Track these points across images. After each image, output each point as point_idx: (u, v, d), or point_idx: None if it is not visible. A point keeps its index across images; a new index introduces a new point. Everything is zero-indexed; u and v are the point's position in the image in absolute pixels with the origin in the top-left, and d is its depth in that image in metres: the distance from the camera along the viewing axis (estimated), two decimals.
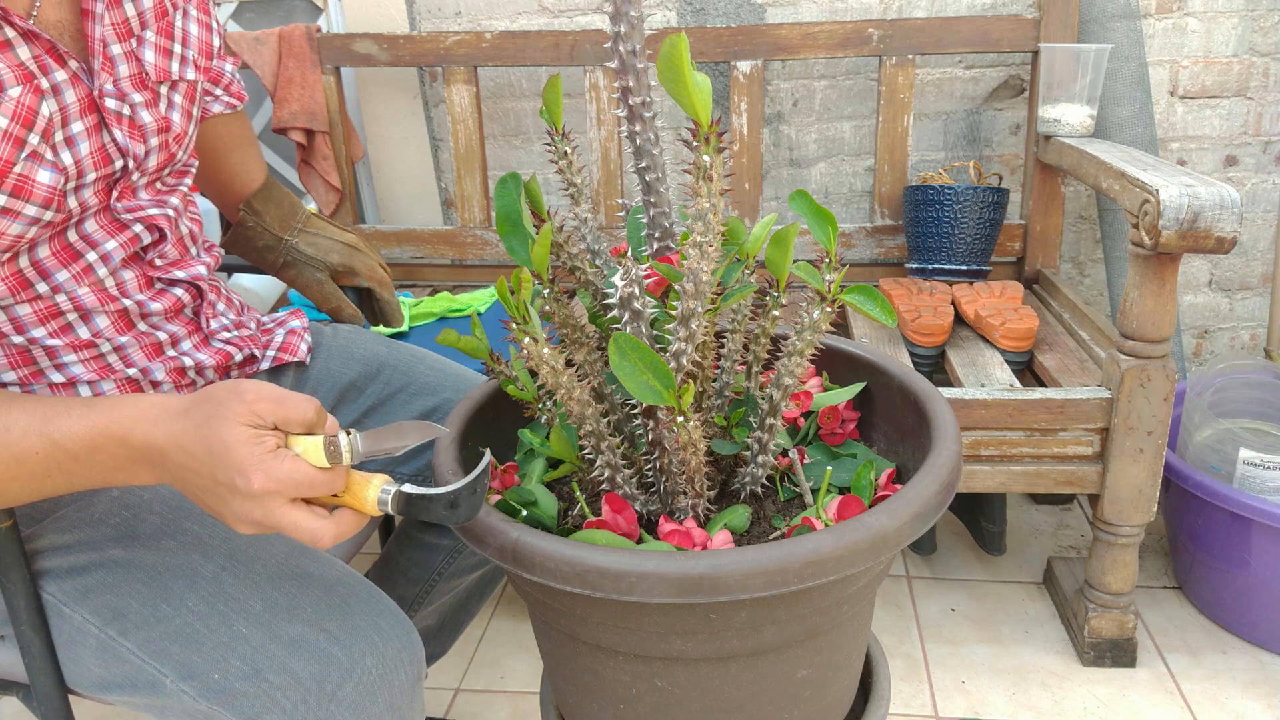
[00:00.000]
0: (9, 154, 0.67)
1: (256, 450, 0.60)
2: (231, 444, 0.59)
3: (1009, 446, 1.30)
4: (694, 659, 0.65)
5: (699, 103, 0.60)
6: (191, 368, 0.87)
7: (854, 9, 1.73)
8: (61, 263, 0.75)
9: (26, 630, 0.76)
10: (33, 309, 0.76)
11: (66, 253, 0.76)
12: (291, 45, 1.71)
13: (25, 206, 0.69)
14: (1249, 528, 1.37)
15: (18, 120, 0.68)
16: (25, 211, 0.69)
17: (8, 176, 0.67)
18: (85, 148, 0.73)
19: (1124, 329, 1.24)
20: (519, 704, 1.41)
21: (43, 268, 0.75)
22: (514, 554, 0.60)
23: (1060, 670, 1.42)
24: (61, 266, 0.76)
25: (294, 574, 0.76)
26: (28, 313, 0.76)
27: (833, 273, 0.68)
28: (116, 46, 0.76)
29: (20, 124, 0.68)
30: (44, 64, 0.70)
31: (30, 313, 0.76)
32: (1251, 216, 1.81)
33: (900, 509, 0.61)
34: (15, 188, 0.68)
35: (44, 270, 0.75)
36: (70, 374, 0.80)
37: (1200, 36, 1.70)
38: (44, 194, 0.70)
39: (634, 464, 0.73)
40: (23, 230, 0.70)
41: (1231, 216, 1.10)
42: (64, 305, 0.77)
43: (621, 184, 1.75)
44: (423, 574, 1.15)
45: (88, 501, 0.79)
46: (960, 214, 1.56)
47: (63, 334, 0.78)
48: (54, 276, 0.75)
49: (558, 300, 0.73)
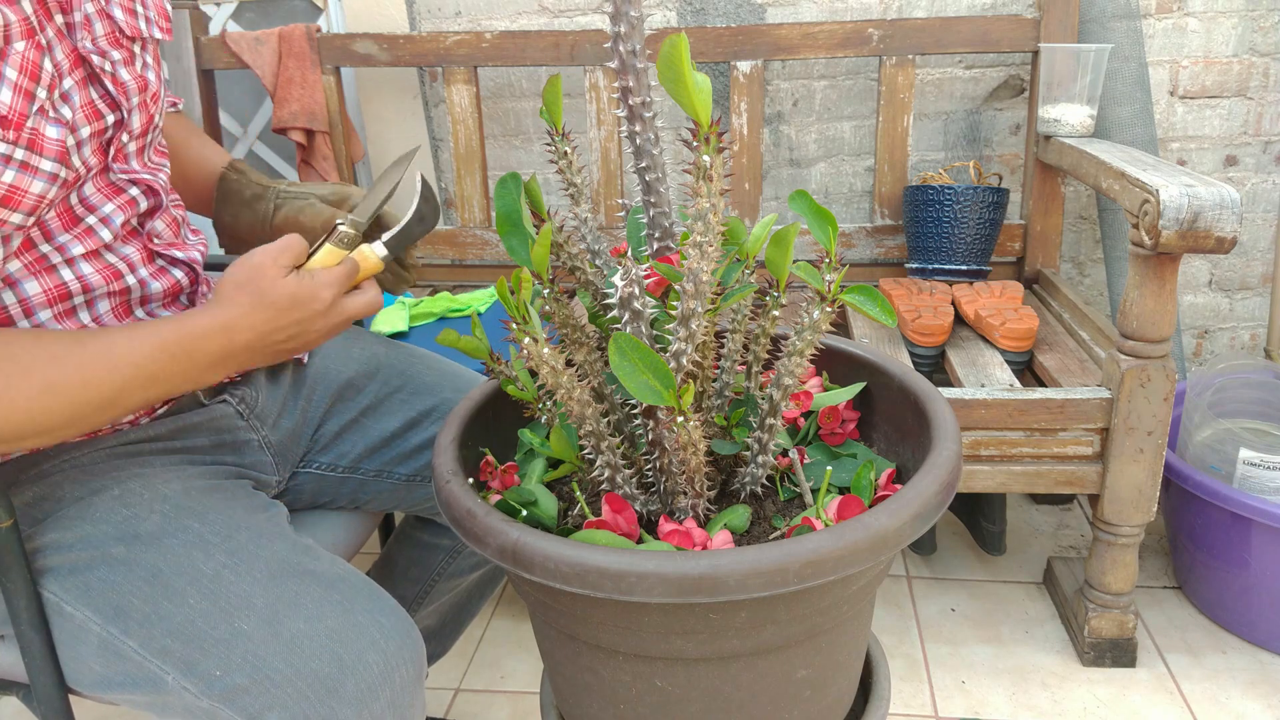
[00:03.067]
0: (22, 107, 0.68)
1: (307, 282, 0.79)
2: (291, 290, 0.78)
3: (1009, 446, 1.30)
4: (694, 659, 0.65)
5: (699, 103, 0.60)
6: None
7: (854, 9, 1.73)
8: (65, 226, 0.77)
9: (26, 629, 0.76)
10: (41, 287, 0.76)
11: (68, 216, 0.77)
12: (291, 45, 1.71)
13: (41, 162, 0.71)
14: (1249, 528, 1.37)
15: (25, 73, 0.69)
16: (42, 167, 0.71)
17: (23, 131, 0.69)
18: (77, 100, 0.75)
19: (1124, 329, 1.24)
20: (519, 704, 1.41)
21: (47, 229, 0.76)
22: (514, 554, 0.60)
23: (1060, 670, 1.42)
24: (64, 229, 0.77)
25: (295, 571, 0.76)
26: (37, 292, 0.76)
27: (833, 273, 0.68)
28: (90, 4, 0.78)
29: (29, 78, 0.69)
30: (40, 19, 0.71)
31: (39, 292, 0.76)
32: (1251, 216, 1.81)
33: (900, 509, 0.61)
34: (30, 142, 0.69)
35: (48, 232, 0.76)
36: None
37: (1200, 36, 1.70)
38: (55, 149, 0.71)
39: (634, 464, 0.73)
40: (43, 189, 0.71)
41: (1231, 216, 1.10)
42: (72, 286, 0.78)
43: (621, 184, 1.75)
44: (422, 573, 1.15)
45: (88, 500, 0.79)
46: (960, 214, 1.56)
47: (67, 318, 0.79)
48: (56, 238, 0.77)
49: (558, 300, 0.73)
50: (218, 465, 0.88)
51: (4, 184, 0.68)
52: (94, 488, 0.80)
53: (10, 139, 0.68)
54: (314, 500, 1.02)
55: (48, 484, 0.80)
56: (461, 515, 0.65)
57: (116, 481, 0.80)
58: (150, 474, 0.82)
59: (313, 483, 1.01)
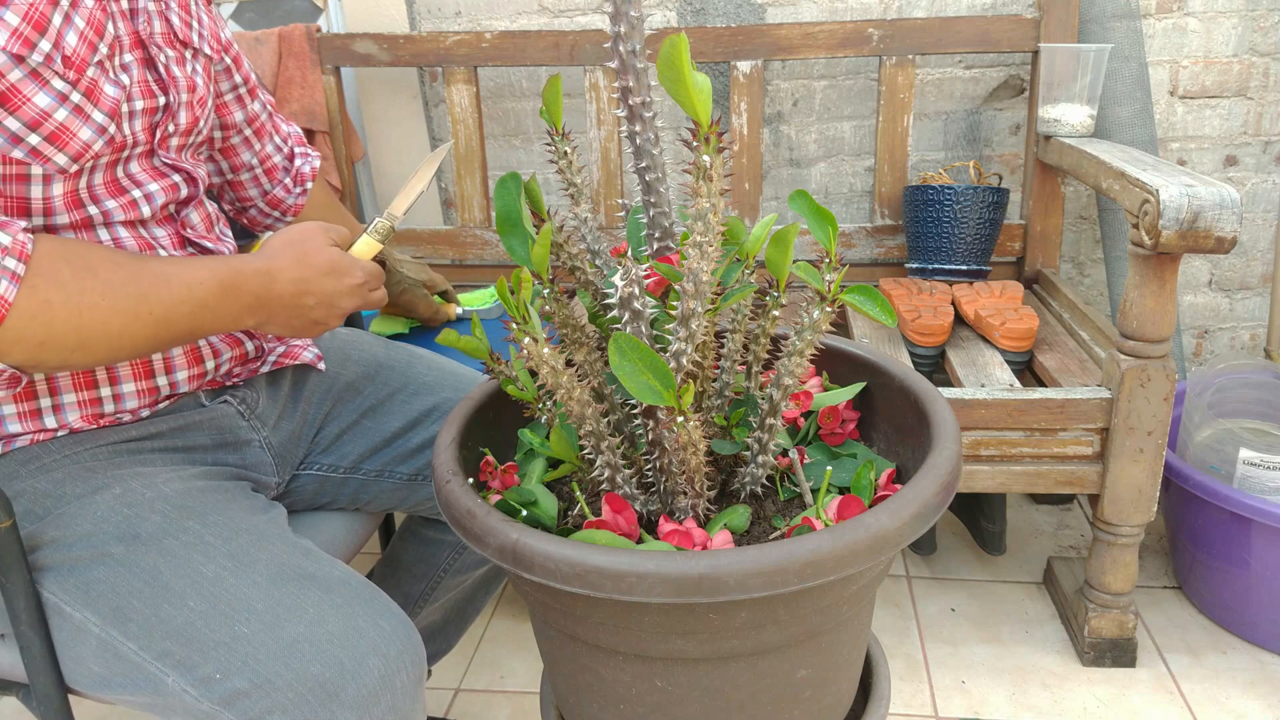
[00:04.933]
0: (85, 54, 0.74)
1: (347, 258, 0.86)
2: (333, 258, 0.84)
3: (1009, 446, 1.30)
4: (694, 659, 0.65)
5: (699, 103, 0.60)
6: (205, 344, 0.88)
7: (854, 9, 1.73)
8: (110, 194, 0.81)
9: (26, 630, 0.76)
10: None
11: (115, 185, 0.81)
12: (291, 45, 1.71)
13: (94, 111, 0.75)
14: (1249, 528, 1.37)
15: (91, 26, 0.75)
16: (94, 117, 0.75)
17: (84, 75, 0.74)
18: (135, 75, 0.81)
19: (1124, 329, 1.24)
20: (519, 704, 1.41)
21: (95, 193, 0.80)
22: (514, 554, 0.60)
23: (1060, 670, 1.42)
24: (110, 197, 0.81)
25: (296, 575, 0.76)
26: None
27: (833, 273, 0.68)
28: (151, 3, 0.84)
29: (94, 30, 0.75)
30: None
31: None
32: (1251, 216, 1.81)
33: (900, 509, 0.61)
34: (88, 90, 0.75)
35: (95, 195, 0.80)
36: None
37: (1200, 36, 1.70)
38: (109, 104, 0.76)
39: (634, 464, 0.73)
40: (90, 137, 0.75)
41: (1231, 216, 1.10)
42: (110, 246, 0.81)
43: (621, 184, 1.75)
44: (427, 570, 1.15)
45: (89, 500, 0.79)
46: (960, 214, 1.56)
47: None
48: (104, 203, 0.80)
49: (558, 300, 0.73)
50: (218, 465, 0.89)
51: (56, 120, 0.72)
52: (95, 485, 0.80)
53: (71, 79, 0.73)
54: (315, 501, 1.02)
55: (50, 480, 0.80)
56: (462, 515, 0.65)
57: (118, 480, 0.80)
58: (151, 473, 0.82)
59: (314, 483, 1.01)
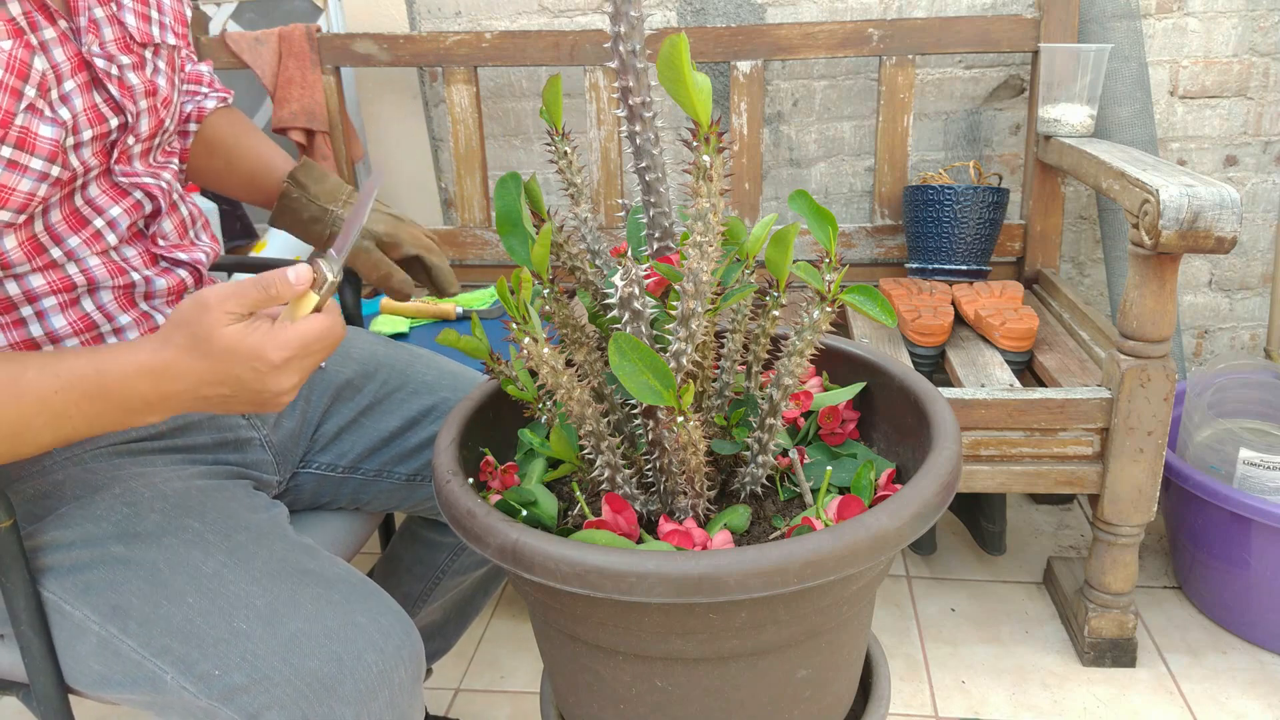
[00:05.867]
0: (8, 104, 0.69)
1: (254, 338, 0.66)
2: (231, 342, 0.65)
3: (1009, 446, 1.30)
4: (694, 659, 0.65)
5: (699, 103, 0.60)
6: None
7: (854, 9, 1.73)
8: (72, 228, 0.78)
9: (26, 629, 0.76)
10: (46, 281, 0.77)
11: (75, 218, 0.78)
12: (291, 45, 1.71)
13: (31, 160, 0.71)
14: (1249, 528, 1.37)
15: (11, 71, 0.69)
16: (31, 165, 0.71)
17: (10, 128, 0.69)
18: (79, 104, 0.75)
19: (1124, 329, 1.24)
20: (519, 704, 1.41)
21: (55, 232, 0.77)
22: (514, 554, 0.60)
23: (1060, 670, 1.42)
24: (72, 232, 0.78)
25: (295, 571, 0.76)
26: (41, 284, 0.77)
27: (833, 273, 0.68)
28: (99, 9, 0.78)
29: (15, 75, 0.69)
30: (33, 20, 0.71)
31: (44, 284, 0.77)
32: (1251, 216, 1.81)
33: (900, 509, 0.61)
34: (19, 140, 0.70)
35: (56, 235, 0.77)
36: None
37: (1200, 36, 1.70)
38: (47, 148, 0.72)
39: (634, 464, 0.73)
40: (32, 187, 0.71)
41: (1231, 216, 1.10)
42: (77, 279, 0.79)
43: (621, 184, 1.75)
44: (427, 570, 1.15)
45: (88, 499, 0.79)
46: (960, 214, 1.56)
47: (71, 307, 0.79)
48: (66, 242, 0.77)
49: (558, 300, 0.73)
50: (219, 465, 0.89)
51: None
52: (95, 485, 0.80)
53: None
54: (314, 500, 1.02)
55: (50, 481, 0.80)
56: (461, 515, 0.65)
57: (118, 480, 0.80)
58: (151, 472, 0.82)
59: (313, 483, 1.01)
